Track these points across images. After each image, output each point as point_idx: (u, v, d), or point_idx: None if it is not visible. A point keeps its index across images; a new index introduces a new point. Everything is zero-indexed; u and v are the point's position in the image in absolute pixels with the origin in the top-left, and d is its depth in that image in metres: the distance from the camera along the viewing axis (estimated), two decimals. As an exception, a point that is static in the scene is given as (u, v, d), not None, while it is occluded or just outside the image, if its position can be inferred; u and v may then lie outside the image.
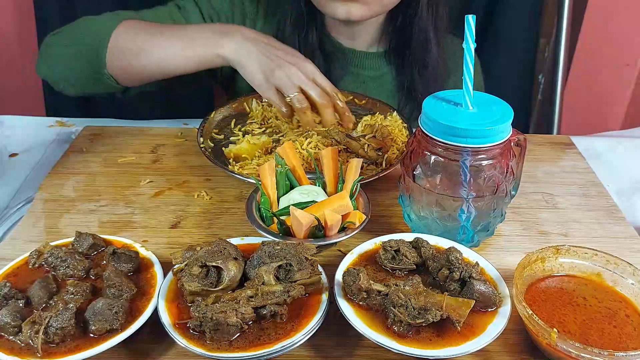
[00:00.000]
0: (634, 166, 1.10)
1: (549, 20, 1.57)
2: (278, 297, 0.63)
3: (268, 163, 0.83)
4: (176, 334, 0.60)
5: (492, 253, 0.81)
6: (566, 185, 0.98)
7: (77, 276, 0.69)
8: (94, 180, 0.96)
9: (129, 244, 0.75)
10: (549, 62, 1.59)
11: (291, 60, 0.95)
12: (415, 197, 0.78)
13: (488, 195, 0.74)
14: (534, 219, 0.89)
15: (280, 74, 0.93)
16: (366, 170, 0.92)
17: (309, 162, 0.93)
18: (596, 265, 0.71)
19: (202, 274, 0.66)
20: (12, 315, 0.61)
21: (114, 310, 0.62)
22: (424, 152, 0.75)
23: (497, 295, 0.65)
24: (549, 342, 0.61)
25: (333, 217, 0.74)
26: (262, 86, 0.95)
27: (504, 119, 0.72)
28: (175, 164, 1.01)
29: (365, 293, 0.65)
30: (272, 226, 0.78)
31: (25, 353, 0.59)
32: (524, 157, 0.80)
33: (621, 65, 1.76)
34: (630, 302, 0.68)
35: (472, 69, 0.72)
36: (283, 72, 0.93)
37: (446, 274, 0.68)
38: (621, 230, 0.87)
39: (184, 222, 0.87)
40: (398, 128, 1.02)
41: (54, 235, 0.82)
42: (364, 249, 0.74)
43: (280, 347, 0.60)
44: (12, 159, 1.08)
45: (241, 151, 0.95)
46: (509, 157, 0.75)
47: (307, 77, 0.95)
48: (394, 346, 0.60)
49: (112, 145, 1.06)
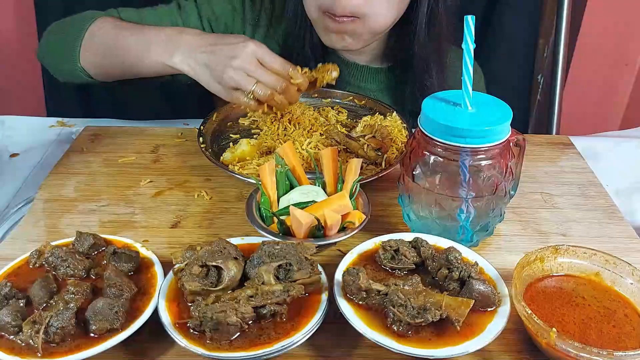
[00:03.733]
0: (634, 166, 1.10)
1: (549, 21, 1.57)
2: (278, 296, 0.64)
3: (268, 163, 0.84)
4: (176, 334, 0.61)
5: (491, 253, 0.82)
6: (565, 185, 0.98)
7: (77, 276, 0.70)
8: (95, 180, 0.96)
9: (129, 243, 0.75)
10: (549, 62, 1.59)
11: (232, 52, 0.90)
12: (415, 197, 0.78)
13: (487, 195, 0.75)
14: (533, 219, 0.89)
15: (230, 74, 0.90)
16: (366, 170, 0.92)
17: (308, 162, 0.93)
18: (595, 265, 0.72)
19: (202, 273, 0.66)
20: (12, 314, 0.61)
21: (114, 310, 0.62)
22: (423, 152, 0.75)
23: (496, 295, 0.65)
24: (548, 341, 0.61)
25: (333, 217, 0.75)
26: (221, 92, 0.93)
27: (503, 119, 0.72)
28: (176, 164, 1.02)
29: (364, 293, 0.65)
30: (272, 226, 0.78)
31: (26, 353, 0.59)
32: (523, 157, 0.80)
33: (621, 65, 1.77)
34: (629, 301, 0.69)
35: (471, 69, 0.72)
36: (232, 70, 0.90)
37: (445, 273, 0.68)
38: (620, 230, 0.87)
39: (184, 222, 0.87)
40: (397, 128, 1.03)
41: (55, 235, 0.83)
42: (363, 248, 0.74)
43: (280, 347, 0.60)
44: (13, 159, 1.08)
45: (244, 154, 0.95)
46: (508, 157, 0.75)
47: (254, 64, 0.91)
48: (393, 346, 0.60)
49: (113, 145, 1.06)
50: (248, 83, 0.90)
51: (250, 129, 1.06)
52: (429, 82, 1.14)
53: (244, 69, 0.90)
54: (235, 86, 0.91)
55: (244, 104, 0.93)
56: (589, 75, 1.76)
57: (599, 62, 1.74)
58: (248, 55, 0.90)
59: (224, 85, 0.91)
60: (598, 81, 1.79)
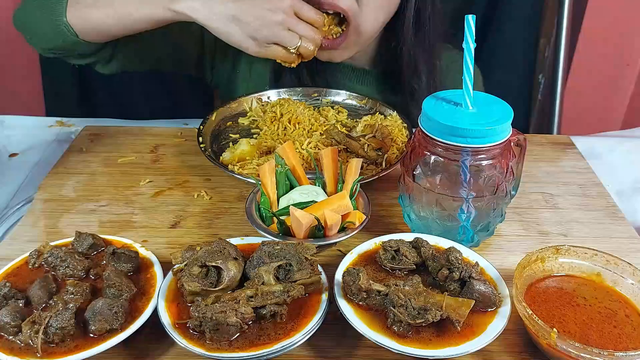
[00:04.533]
0: (634, 166, 1.10)
1: (549, 20, 1.57)
2: (278, 297, 0.63)
3: (268, 163, 0.83)
4: (176, 334, 0.60)
5: (492, 253, 0.81)
6: (566, 185, 0.98)
7: (77, 276, 0.70)
8: (94, 180, 0.96)
9: (128, 244, 0.75)
10: (549, 62, 1.59)
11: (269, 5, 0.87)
12: (415, 197, 0.78)
13: (488, 195, 0.74)
14: (534, 219, 0.89)
15: (273, 29, 0.86)
16: (366, 170, 0.92)
17: (308, 162, 0.93)
18: (596, 265, 0.71)
19: (202, 274, 0.66)
20: (11, 315, 0.61)
21: (113, 310, 0.62)
22: (424, 152, 0.75)
23: (497, 295, 0.65)
24: (549, 342, 0.61)
25: (333, 217, 0.74)
26: (252, 48, 0.89)
27: (503, 119, 0.72)
28: (175, 164, 1.01)
29: (365, 293, 0.65)
30: (272, 226, 0.78)
31: (25, 353, 0.59)
32: (524, 157, 0.80)
33: (621, 65, 1.77)
34: (630, 302, 0.68)
35: (472, 69, 0.72)
36: (274, 26, 0.86)
37: (446, 274, 0.68)
38: (621, 231, 0.87)
39: (184, 222, 0.87)
40: (398, 128, 1.02)
41: (54, 235, 0.82)
42: (363, 249, 0.74)
43: (280, 347, 0.60)
44: (12, 159, 1.08)
45: (244, 154, 0.95)
46: (509, 157, 0.75)
47: (295, 19, 0.88)
48: (393, 346, 0.60)
49: (112, 145, 1.06)
50: (293, 38, 0.89)
51: (249, 128, 1.06)
52: (417, 85, 1.13)
53: (286, 23, 0.87)
54: (276, 42, 0.89)
55: (284, 57, 0.92)
56: (590, 75, 1.76)
57: (600, 62, 1.74)
58: (288, 9, 0.88)
59: (260, 40, 0.88)
60: (599, 81, 1.79)
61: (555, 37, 1.56)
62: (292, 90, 1.14)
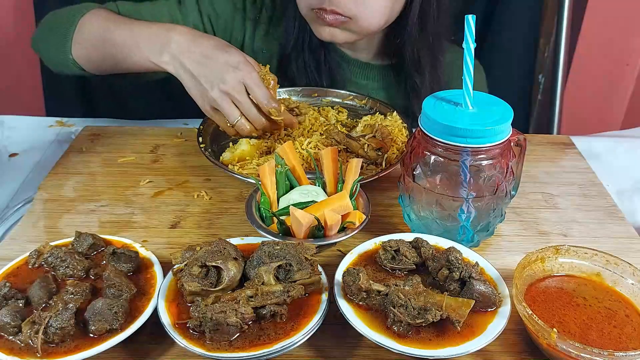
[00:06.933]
0: (634, 166, 1.10)
1: (549, 20, 1.56)
2: (278, 297, 0.63)
3: (268, 163, 0.83)
4: (176, 334, 0.60)
5: (492, 253, 0.81)
6: (566, 185, 0.98)
7: (76, 276, 0.69)
8: (94, 180, 0.96)
9: (128, 244, 0.75)
10: (549, 62, 1.59)
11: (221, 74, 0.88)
12: (415, 197, 0.78)
13: (488, 196, 0.74)
14: (534, 219, 0.89)
15: (216, 95, 0.89)
16: (366, 170, 0.92)
17: (308, 162, 0.93)
18: (596, 265, 0.71)
19: (202, 274, 0.66)
20: (11, 315, 0.61)
21: (113, 310, 0.62)
22: (424, 152, 0.75)
23: (497, 295, 0.65)
24: (549, 342, 0.61)
25: (333, 217, 0.74)
26: (202, 106, 0.93)
27: (503, 119, 0.72)
28: (175, 164, 1.01)
29: (365, 293, 0.65)
30: (272, 226, 0.78)
31: (25, 353, 0.59)
32: (524, 157, 0.80)
33: (621, 65, 1.76)
34: (630, 302, 0.68)
35: (472, 69, 0.72)
36: (218, 93, 0.88)
37: (446, 274, 0.68)
38: (621, 231, 0.87)
39: (184, 222, 0.87)
40: (398, 128, 1.02)
41: (54, 235, 0.82)
42: (363, 249, 0.74)
43: (280, 347, 0.60)
44: (12, 159, 1.08)
45: (244, 154, 0.95)
46: (508, 157, 0.75)
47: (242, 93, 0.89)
48: (393, 346, 0.60)
49: (112, 145, 1.06)
50: (232, 113, 0.90)
51: None
52: (419, 80, 1.14)
53: (230, 95, 0.89)
54: (219, 109, 0.91)
55: (223, 128, 0.94)
56: (590, 75, 1.76)
57: (600, 61, 1.74)
58: (237, 82, 0.89)
59: (209, 100, 0.91)
60: (599, 81, 1.79)
61: (555, 37, 1.56)
62: (292, 90, 1.14)
